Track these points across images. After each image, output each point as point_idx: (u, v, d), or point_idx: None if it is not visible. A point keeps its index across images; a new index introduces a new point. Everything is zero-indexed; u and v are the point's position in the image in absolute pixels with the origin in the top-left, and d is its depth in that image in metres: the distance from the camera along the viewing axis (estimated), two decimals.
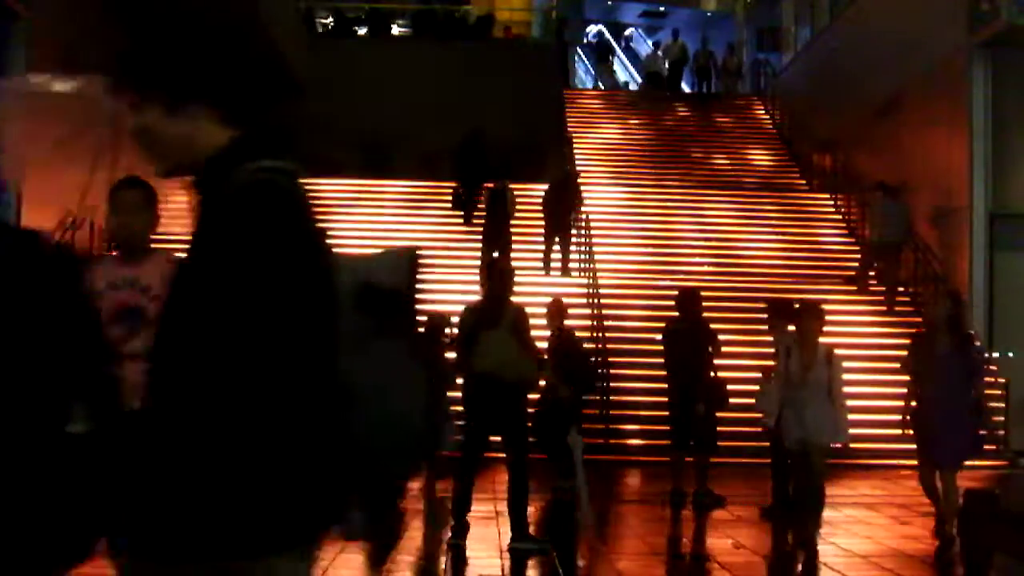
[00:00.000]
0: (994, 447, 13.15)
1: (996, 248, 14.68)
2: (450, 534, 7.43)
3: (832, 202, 19.63)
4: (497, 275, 7.82)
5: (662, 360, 10.20)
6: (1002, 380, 13.62)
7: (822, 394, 7.54)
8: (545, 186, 19.54)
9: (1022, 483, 12.20)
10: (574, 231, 16.81)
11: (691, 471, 9.72)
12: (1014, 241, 14.61)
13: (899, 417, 8.65)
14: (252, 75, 2.38)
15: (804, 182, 21.19)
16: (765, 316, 9.92)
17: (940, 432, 7.53)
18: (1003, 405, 13.47)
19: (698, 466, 9.69)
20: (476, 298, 9.23)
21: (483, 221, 16.29)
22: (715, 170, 21.57)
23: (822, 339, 7.83)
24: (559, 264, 16.34)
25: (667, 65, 25.60)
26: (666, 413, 10.24)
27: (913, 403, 8.26)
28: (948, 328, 7.79)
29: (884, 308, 15.89)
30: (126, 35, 2.35)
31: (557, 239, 16.34)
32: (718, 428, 9.89)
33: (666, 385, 10.15)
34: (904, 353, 8.73)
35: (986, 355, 9.57)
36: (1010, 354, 14.44)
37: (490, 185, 16.81)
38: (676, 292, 10.58)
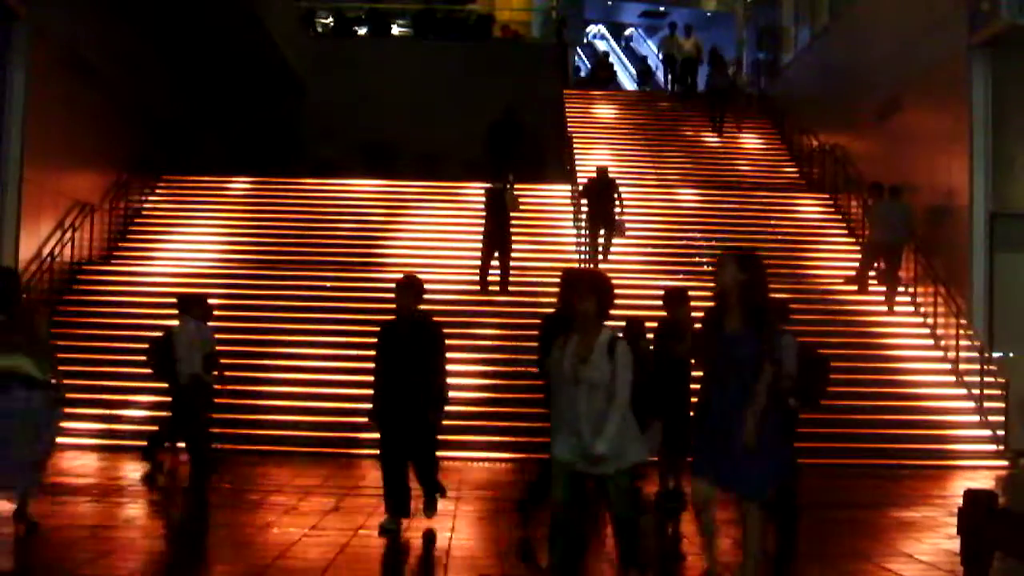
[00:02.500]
0: (995, 447, 13.19)
1: (996, 248, 14.68)
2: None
3: (832, 202, 19.63)
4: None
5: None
6: (1002, 380, 13.64)
7: (600, 394, 5.75)
8: (547, 186, 19.65)
9: (1022, 483, 12.20)
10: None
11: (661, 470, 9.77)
12: (1014, 241, 14.61)
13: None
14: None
15: (804, 182, 21.20)
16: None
17: (722, 444, 5.68)
18: (1003, 405, 13.49)
19: (671, 466, 9.71)
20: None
21: (484, 221, 16.23)
22: (716, 170, 21.56)
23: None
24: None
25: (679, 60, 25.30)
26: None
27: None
28: (739, 300, 5.75)
29: (884, 308, 15.89)
30: (127, 35, 2.35)
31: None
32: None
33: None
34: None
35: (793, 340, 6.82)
36: (1010, 354, 14.44)
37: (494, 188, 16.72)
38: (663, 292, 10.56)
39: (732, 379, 5.68)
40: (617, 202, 16.83)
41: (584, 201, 17.12)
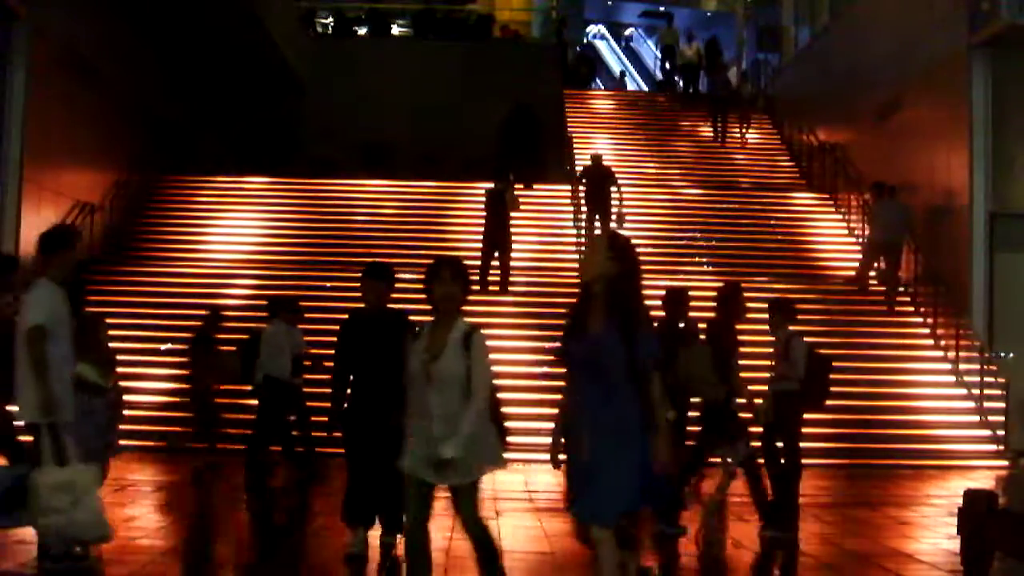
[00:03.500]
0: (995, 447, 13.19)
1: (996, 248, 14.68)
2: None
3: (832, 202, 19.63)
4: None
5: None
6: (1002, 380, 13.64)
7: (455, 394, 5.06)
8: (547, 186, 19.64)
9: (1022, 483, 12.18)
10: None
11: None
12: (1014, 241, 14.61)
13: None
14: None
15: (804, 182, 21.20)
16: (767, 316, 9.91)
17: (580, 461, 4.97)
18: (1003, 405, 13.49)
19: None
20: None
21: (484, 221, 16.23)
22: (715, 170, 21.56)
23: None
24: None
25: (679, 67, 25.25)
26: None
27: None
28: (606, 295, 4.85)
29: (884, 308, 15.89)
30: (127, 35, 2.35)
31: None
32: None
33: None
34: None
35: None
36: (1010, 354, 14.44)
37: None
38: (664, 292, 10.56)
39: (594, 389, 4.80)
40: (615, 192, 16.92)
41: (581, 190, 17.28)
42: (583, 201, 17.35)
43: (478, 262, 15.95)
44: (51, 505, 6.01)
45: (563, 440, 6.03)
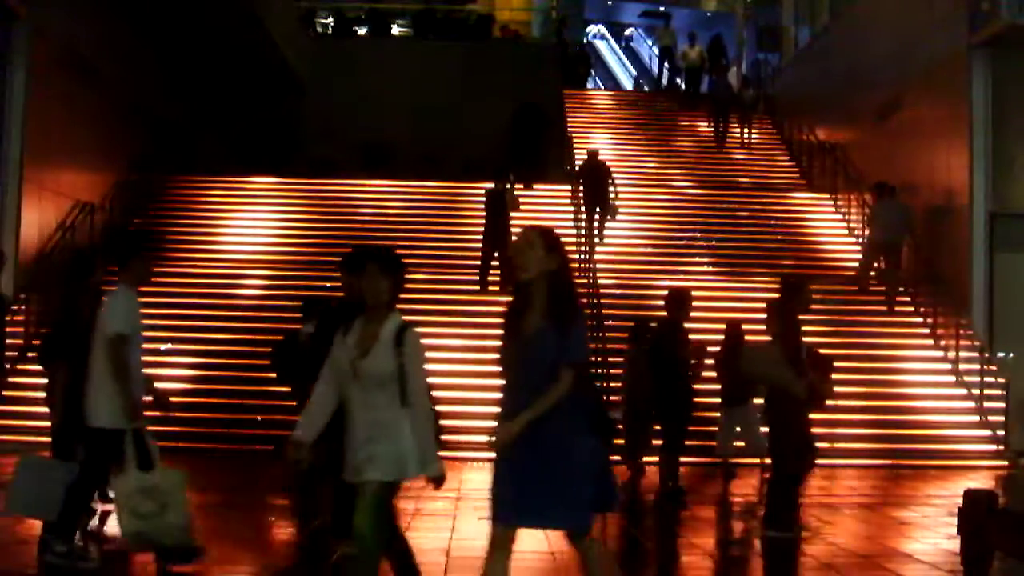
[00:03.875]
0: (995, 447, 13.19)
1: (996, 248, 14.68)
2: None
3: (832, 202, 19.62)
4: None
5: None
6: (1002, 380, 13.64)
7: (382, 393, 4.79)
8: (547, 186, 19.64)
9: (1022, 483, 12.18)
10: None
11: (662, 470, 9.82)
12: (1014, 241, 14.61)
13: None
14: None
15: (804, 182, 21.20)
16: (765, 317, 9.92)
17: (507, 462, 4.59)
18: (1003, 405, 13.49)
19: (669, 466, 9.75)
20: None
21: (483, 221, 16.22)
22: (715, 170, 21.56)
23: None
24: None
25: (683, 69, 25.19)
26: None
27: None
28: (545, 290, 4.57)
29: (884, 308, 15.89)
30: (127, 35, 2.35)
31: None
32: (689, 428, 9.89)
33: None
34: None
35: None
36: (1010, 354, 14.44)
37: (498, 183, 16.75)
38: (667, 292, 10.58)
39: (529, 390, 4.50)
40: (611, 186, 17.03)
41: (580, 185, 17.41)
42: (582, 198, 17.39)
43: (478, 262, 15.98)
44: (138, 511, 6.03)
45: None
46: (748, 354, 8.34)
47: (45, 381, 7.62)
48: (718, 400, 11.41)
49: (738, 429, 11.13)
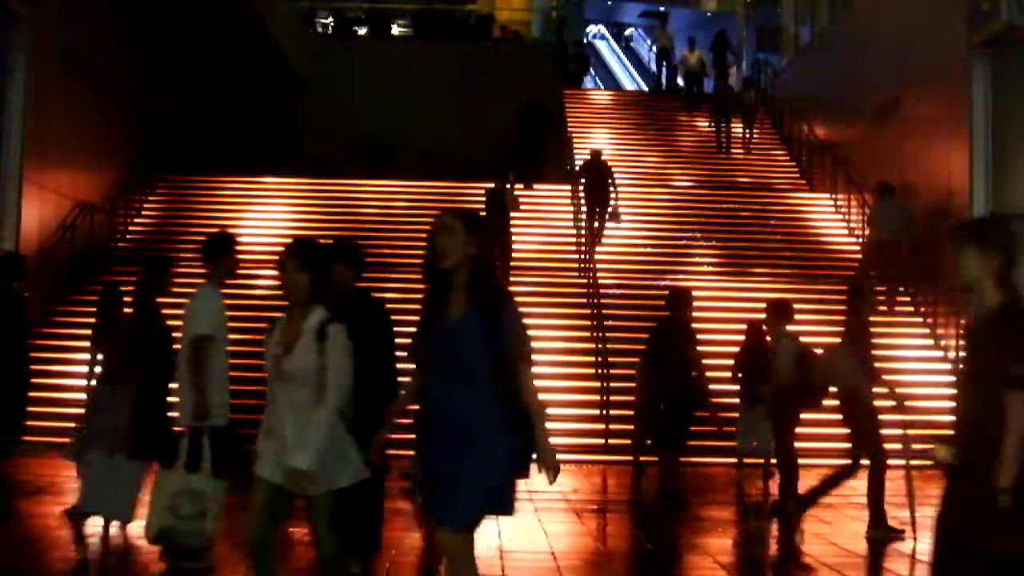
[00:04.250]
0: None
1: None
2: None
3: (832, 202, 19.63)
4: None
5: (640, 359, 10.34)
6: None
7: (308, 392, 4.65)
8: (546, 186, 19.65)
9: (1021, 482, 12.18)
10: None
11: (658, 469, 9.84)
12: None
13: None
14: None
15: (804, 182, 21.20)
16: (766, 317, 9.93)
17: (425, 457, 4.41)
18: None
19: (663, 464, 9.76)
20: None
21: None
22: (716, 170, 21.56)
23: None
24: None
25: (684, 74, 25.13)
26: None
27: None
28: (469, 276, 4.28)
29: (884, 308, 15.88)
30: (127, 36, 2.35)
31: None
32: (691, 428, 9.90)
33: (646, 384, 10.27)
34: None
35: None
36: None
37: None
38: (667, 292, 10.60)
39: (449, 385, 4.21)
40: (612, 188, 17.01)
41: (580, 184, 17.42)
42: (582, 197, 17.40)
43: None
44: (178, 511, 6.07)
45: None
46: (822, 362, 8.44)
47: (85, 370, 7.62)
48: (736, 400, 11.48)
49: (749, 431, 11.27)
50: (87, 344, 14.25)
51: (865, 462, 8.23)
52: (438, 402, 4.24)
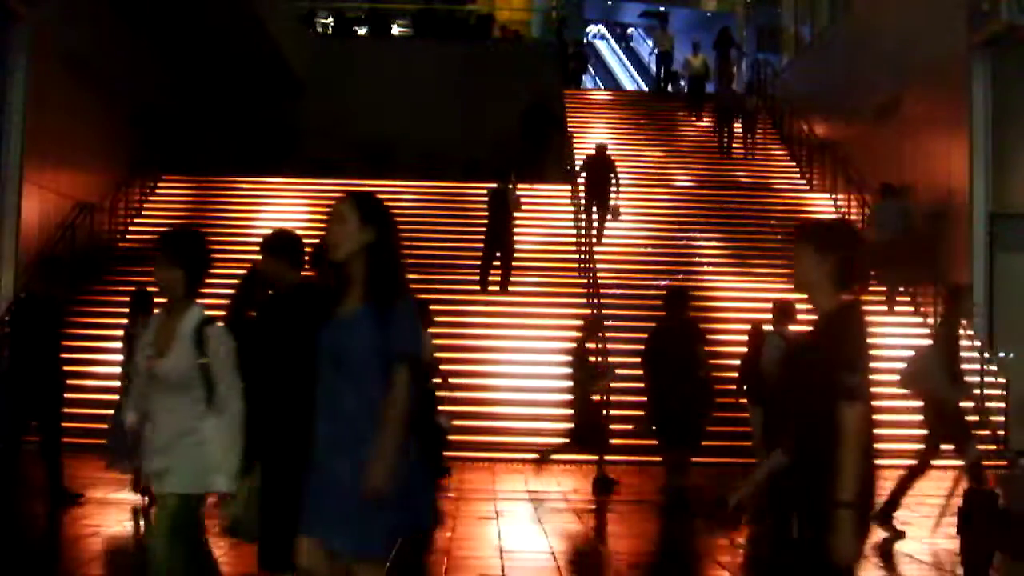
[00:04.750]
0: (995, 447, 13.18)
1: (996, 248, 14.68)
2: None
3: (832, 202, 19.62)
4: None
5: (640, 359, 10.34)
6: (1002, 380, 13.63)
7: (182, 396, 4.35)
8: (546, 186, 19.65)
9: (1022, 483, 12.19)
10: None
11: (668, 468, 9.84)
12: (1014, 241, 14.60)
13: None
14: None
15: (804, 182, 21.19)
16: (768, 317, 9.94)
17: (332, 485, 3.96)
18: (1003, 405, 13.48)
19: (675, 463, 9.76)
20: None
21: (486, 221, 16.20)
22: (716, 170, 21.55)
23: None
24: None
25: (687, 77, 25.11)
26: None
27: None
28: (363, 269, 3.90)
29: (884, 308, 15.88)
30: (127, 36, 2.35)
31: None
32: (705, 428, 9.89)
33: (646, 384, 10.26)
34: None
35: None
36: (1010, 354, 14.43)
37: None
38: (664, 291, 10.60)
39: (341, 387, 3.82)
40: (614, 184, 17.01)
41: (581, 178, 17.44)
42: (583, 192, 17.43)
43: (479, 262, 15.98)
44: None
45: None
46: (908, 369, 8.46)
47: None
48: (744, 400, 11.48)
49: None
50: (93, 344, 14.34)
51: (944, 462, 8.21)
52: (326, 402, 3.84)
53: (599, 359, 12.31)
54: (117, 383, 9.99)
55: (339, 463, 3.73)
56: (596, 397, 11.13)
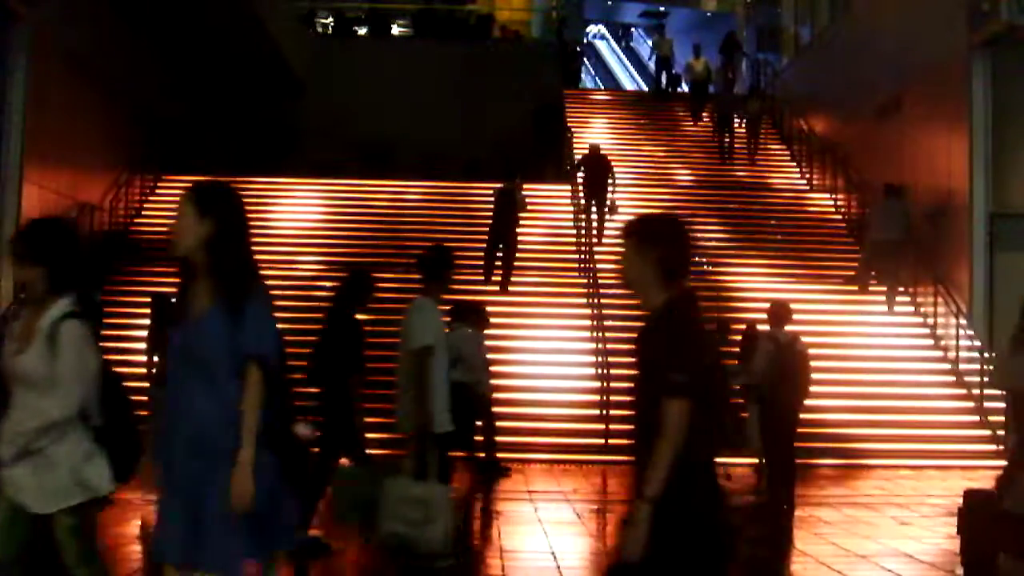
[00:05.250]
0: (995, 447, 13.19)
1: (996, 248, 14.68)
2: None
3: (832, 202, 19.62)
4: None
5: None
6: None
7: (40, 397, 4.03)
8: (546, 186, 19.65)
9: (1022, 483, 12.18)
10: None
11: None
12: (1014, 241, 14.60)
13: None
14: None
15: (804, 182, 21.18)
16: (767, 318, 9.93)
17: (163, 476, 3.78)
18: (1003, 405, 13.46)
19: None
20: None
21: (490, 220, 16.18)
22: (716, 171, 21.54)
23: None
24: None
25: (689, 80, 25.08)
26: None
27: None
28: (206, 265, 3.86)
29: (884, 308, 15.89)
30: (127, 36, 2.35)
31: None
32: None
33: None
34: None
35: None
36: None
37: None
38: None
39: (192, 389, 3.62)
40: (610, 181, 17.10)
41: (581, 177, 17.51)
42: (582, 191, 17.45)
43: (481, 261, 15.98)
44: (406, 516, 6.22)
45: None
46: (999, 366, 8.42)
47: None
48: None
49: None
50: (115, 345, 14.28)
51: None
52: (175, 406, 3.63)
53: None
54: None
55: (194, 466, 3.53)
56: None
